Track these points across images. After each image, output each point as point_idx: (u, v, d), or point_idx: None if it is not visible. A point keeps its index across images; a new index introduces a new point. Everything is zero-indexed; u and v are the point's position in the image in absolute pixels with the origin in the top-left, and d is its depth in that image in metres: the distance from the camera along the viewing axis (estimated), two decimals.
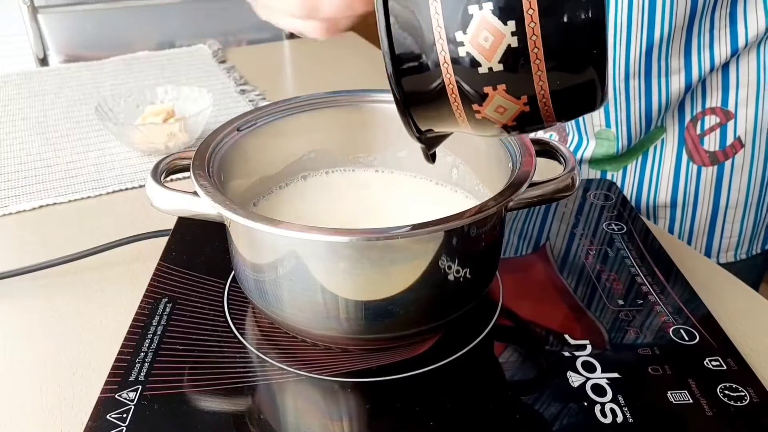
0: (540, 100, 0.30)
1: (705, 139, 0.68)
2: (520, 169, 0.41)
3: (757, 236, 0.73)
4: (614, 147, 0.71)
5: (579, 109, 0.32)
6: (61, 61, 1.43)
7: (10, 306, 0.51)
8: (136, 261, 0.56)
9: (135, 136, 0.73)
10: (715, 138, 0.67)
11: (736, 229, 0.71)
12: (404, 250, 0.39)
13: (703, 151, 0.68)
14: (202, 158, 0.43)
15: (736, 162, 0.68)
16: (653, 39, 0.63)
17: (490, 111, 0.31)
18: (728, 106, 0.66)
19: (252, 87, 0.94)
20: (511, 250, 0.55)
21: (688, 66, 0.65)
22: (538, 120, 0.32)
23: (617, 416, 0.38)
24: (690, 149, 0.69)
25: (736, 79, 0.65)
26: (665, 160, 0.70)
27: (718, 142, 0.67)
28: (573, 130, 0.74)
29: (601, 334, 0.45)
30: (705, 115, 0.67)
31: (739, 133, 0.67)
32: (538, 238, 0.56)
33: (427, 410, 0.39)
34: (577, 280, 0.50)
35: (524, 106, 0.31)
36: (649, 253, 0.53)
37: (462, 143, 0.51)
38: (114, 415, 0.38)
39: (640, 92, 0.67)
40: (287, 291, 0.41)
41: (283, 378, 0.42)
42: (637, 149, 0.71)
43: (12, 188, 0.68)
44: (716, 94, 0.66)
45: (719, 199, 0.70)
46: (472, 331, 0.45)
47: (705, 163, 0.68)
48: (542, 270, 0.53)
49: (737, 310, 0.48)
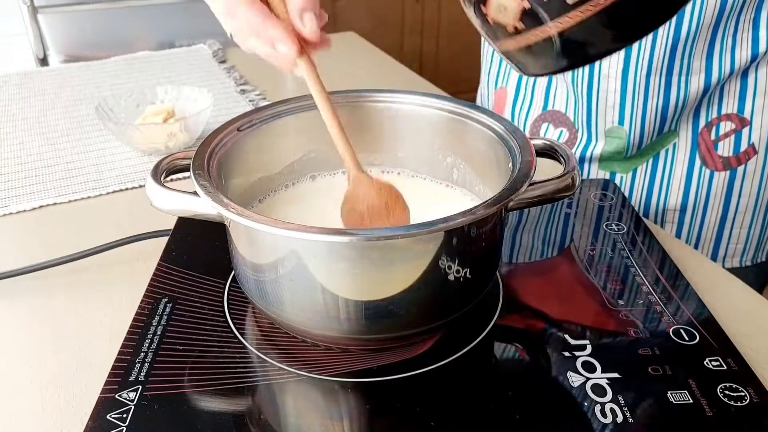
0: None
1: (719, 144, 0.68)
2: (520, 169, 0.41)
3: (763, 243, 0.73)
4: (624, 145, 0.71)
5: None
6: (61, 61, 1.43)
7: (10, 306, 0.51)
8: (136, 261, 0.56)
9: (135, 136, 0.73)
10: (730, 144, 0.68)
11: (743, 234, 0.72)
12: (404, 250, 0.39)
13: (717, 157, 0.68)
14: (202, 158, 0.43)
15: (748, 168, 0.68)
16: (679, 36, 0.63)
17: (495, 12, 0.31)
18: (744, 113, 0.67)
19: (252, 87, 0.94)
20: (512, 251, 0.55)
21: (709, 67, 0.65)
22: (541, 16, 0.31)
23: (617, 416, 0.38)
24: (703, 154, 0.69)
25: (754, 87, 0.66)
26: (677, 164, 0.70)
27: (732, 148, 0.68)
28: (583, 128, 0.74)
29: (601, 334, 0.45)
30: (720, 121, 0.68)
31: (753, 140, 0.67)
32: (538, 239, 0.56)
33: (427, 410, 0.39)
34: (578, 280, 0.50)
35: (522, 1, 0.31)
36: (650, 253, 0.53)
37: (462, 143, 0.51)
38: (114, 415, 0.38)
39: (659, 90, 0.67)
40: (287, 291, 0.41)
41: (284, 378, 0.42)
42: (647, 152, 0.72)
43: (12, 188, 0.68)
44: (733, 100, 0.67)
45: (729, 203, 0.70)
46: (472, 331, 0.45)
47: (718, 168, 0.69)
48: (542, 270, 0.53)
49: (737, 310, 0.48)
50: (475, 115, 0.49)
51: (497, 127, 0.47)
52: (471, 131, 0.49)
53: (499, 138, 0.46)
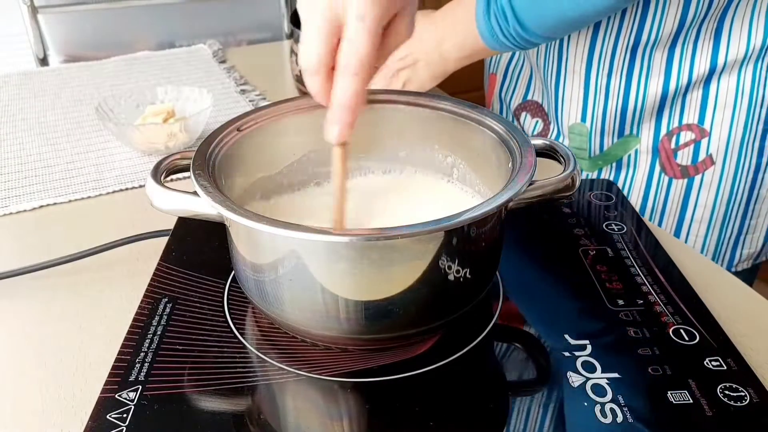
0: None
1: (679, 153, 0.69)
2: (520, 169, 0.41)
3: (720, 255, 0.74)
4: (586, 143, 0.73)
5: None
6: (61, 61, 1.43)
7: (10, 306, 0.51)
8: (136, 261, 0.56)
9: (135, 136, 0.73)
10: (689, 153, 0.69)
11: (698, 244, 0.73)
12: (404, 250, 0.39)
13: (676, 165, 0.70)
14: (202, 158, 0.43)
15: (705, 178, 0.69)
16: (641, 38, 0.65)
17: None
18: (704, 124, 0.68)
19: (252, 87, 0.94)
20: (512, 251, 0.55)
21: (668, 72, 0.66)
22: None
23: (617, 416, 0.38)
24: (663, 161, 0.70)
25: (714, 98, 0.67)
26: (639, 169, 0.72)
27: (691, 157, 0.69)
28: (554, 121, 0.76)
29: (601, 334, 0.45)
30: (681, 131, 0.69)
31: (712, 150, 0.68)
32: (538, 238, 0.56)
33: (427, 410, 0.39)
34: (577, 280, 0.50)
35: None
36: (649, 253, 0.53)
37: (462, 143, 0.51)
38: (114, 415, 0.38)
39: (619, 90, 0.68)
40: (287, 291, 0.41)
41: (283, 378, 0.42)
42: (611, 154, 0.73)
43: (12, 188, 0.68)
44: (694, 111, 0.68)
45: (685, 211, 0.71)
46: (472, 331, 0.45)
47: (676, 176, 0.70)
48: (543, 270, 0.53)
49: (737, 310, 0.48)
50: (475, 115, 0.49)
51: (497, 127, 0.47)
52: (471, 131, 0.49)
53: (499, 138, 0.46)
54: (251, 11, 1.47)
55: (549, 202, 0.43)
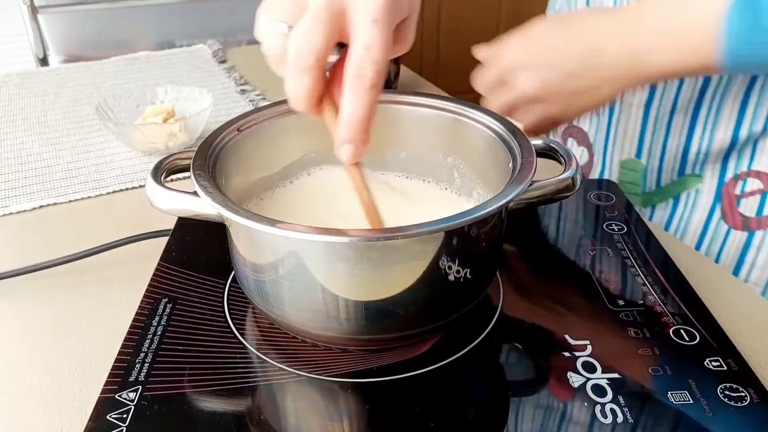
0: None
1: (742, 201, 0.62)
2: (520, 170, 0.41)
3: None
4: (640, 180, 0.67)
5: None
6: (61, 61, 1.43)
7: (10, 306, 0.51)
8: (136, 261, 0.56)
9: (135, 136, 0.73)
10: (754, 203, 0.61)
11: None
12: (404, 250, 0.39)
13: (738, 214, 0.62)
14: (202, 158, 0.43)
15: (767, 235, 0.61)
16: (711, 78, 0.59)
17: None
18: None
19: (252, 87, 0.94)
20: (512, 251, 0.55)
21: (740, 117, 0.59)
22: None
23: (617, 416, 0.38)
24: (725, 207, 0.63)
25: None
26: (697, 210, 0.65)
27: (756, 209, 0.61)
28: (599, 153, 0.70)
29: (601, 334, 0.45)
30: (748, 177, 0.61)
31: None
32: (538, 239, 0.56)
33: (427, 411, 0.39)
34: (577, 280, 0.50)
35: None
36: (650, 253, 0.53)
37: (462, 144, 0.51)
38: (114, 415, 0.38)
39: (681, 129, 0.62)
40: (287, 291, 0.41)
41: (283, 378, 0.42)
42: (669, 191, 0.67)
43: (12, 188, 0.68)
44: (765, 157, 0.60)
45: (741, 268, 0.63)
46: (472, 332, 0.45)
47: (737, 226, 0.62)
48: (543, 270, 0.53)
49: (737, 310, 0.48)
50: (475, 116, 0.49)
51: (497, 128, 0.47)
52: (471, 131, 0.49)
53: (499, 138, 0.46)
54: (251, 11, 1.47)
55: (549, 203, 0.43)
